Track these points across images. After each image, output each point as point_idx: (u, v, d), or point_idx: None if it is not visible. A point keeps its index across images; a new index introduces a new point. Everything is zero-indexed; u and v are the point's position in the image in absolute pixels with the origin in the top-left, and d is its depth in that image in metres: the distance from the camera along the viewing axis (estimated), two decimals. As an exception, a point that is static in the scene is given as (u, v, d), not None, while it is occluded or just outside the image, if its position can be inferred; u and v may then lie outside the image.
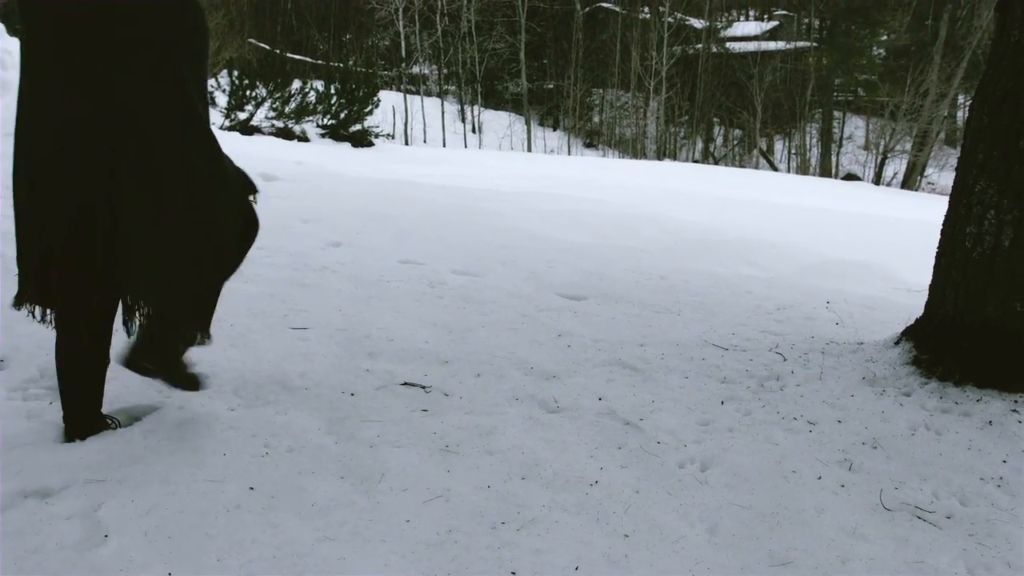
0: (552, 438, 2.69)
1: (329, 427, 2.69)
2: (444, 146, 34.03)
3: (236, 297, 3.99)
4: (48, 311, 2.41)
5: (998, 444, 2.75)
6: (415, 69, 41.66)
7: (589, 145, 40.56)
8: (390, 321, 3.88)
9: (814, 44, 41.62)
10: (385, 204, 7.53)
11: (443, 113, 37.97)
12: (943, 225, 3.38)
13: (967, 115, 3.42)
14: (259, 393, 2.93)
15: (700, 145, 40.71)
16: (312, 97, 17.91)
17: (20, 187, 2.32)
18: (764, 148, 40.40)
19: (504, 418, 2.83)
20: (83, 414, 2.49)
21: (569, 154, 35.57)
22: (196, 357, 3.13)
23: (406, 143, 32.49)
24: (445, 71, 42.68)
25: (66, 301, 2.36)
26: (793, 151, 40.08)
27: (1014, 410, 2.93)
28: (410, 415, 2.84)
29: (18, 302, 2.39)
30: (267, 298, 4.07)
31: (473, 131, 39.53)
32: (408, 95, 37.71)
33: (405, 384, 3.11)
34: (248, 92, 17.14)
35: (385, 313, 4.02)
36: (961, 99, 33.26)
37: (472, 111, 40.61)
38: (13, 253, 2.38)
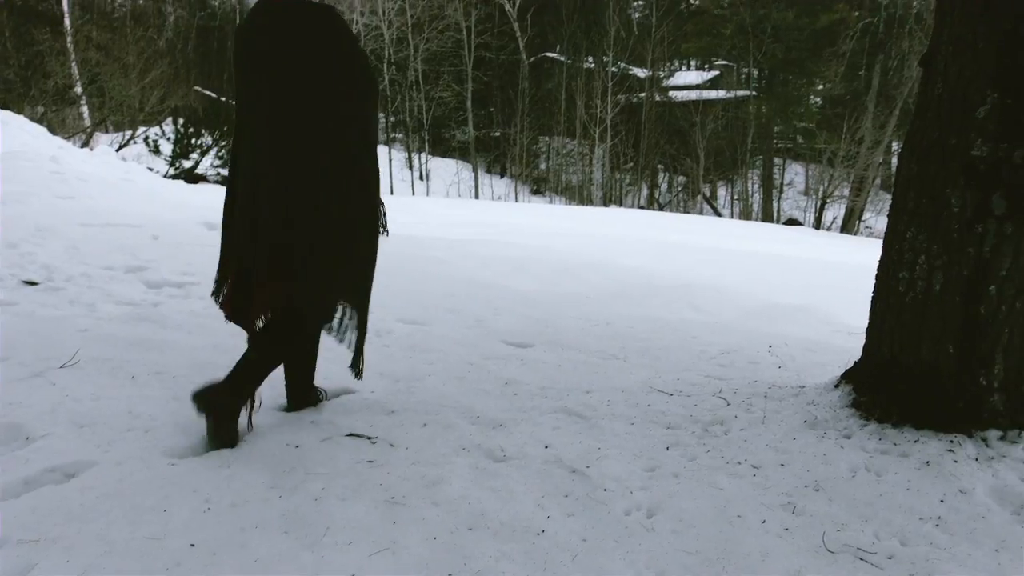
0: (499, 488, 2.69)
1: (273, 481, 2.65)
2: (392, 193, 34.04)
3: (179, 349, 3.94)
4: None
5: (935, 484, 2.80)
6: (362, 117, 41.74)
7: (536, 192, 40.94)
8: (336, 371, 3.85)
9: (753, 93, 42.69)
10: (332, 252, 7.50)
11: (390, 161, 38.07)
12: (877, 270, 3.47)
13: (897, 164, 3.54)
14: (201, 447, 2.88)
15: (645, 191, 41.32)
16: (259, 145, 17.85)
17: (227, 216, 3.07)
18: (708, 194, 41.17)
19: (451, 468, 2.81)
20: (298, 389, 3.36)
21: (516, 201, 35.84)
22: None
23: (353, 191, 32.43)
24: (392, 119, 42.87)
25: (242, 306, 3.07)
26: (736, 197, 40.88)
27: (950, 450, 3.00)
28: (356, 467, 2.81)
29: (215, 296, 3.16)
30: (211, 350, 4.01)
31: (421, 178, 39.69)
32: (355, 143, 37.69)
33: (351, 435, 3.09)
34: (193, 140, 17.05)
35: (331, 363, 3.98)
36: (895, 146, 34.35)
37: (419, 159, 40.79)
38: None
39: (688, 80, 45.92)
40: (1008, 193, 3.01)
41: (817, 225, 34.75)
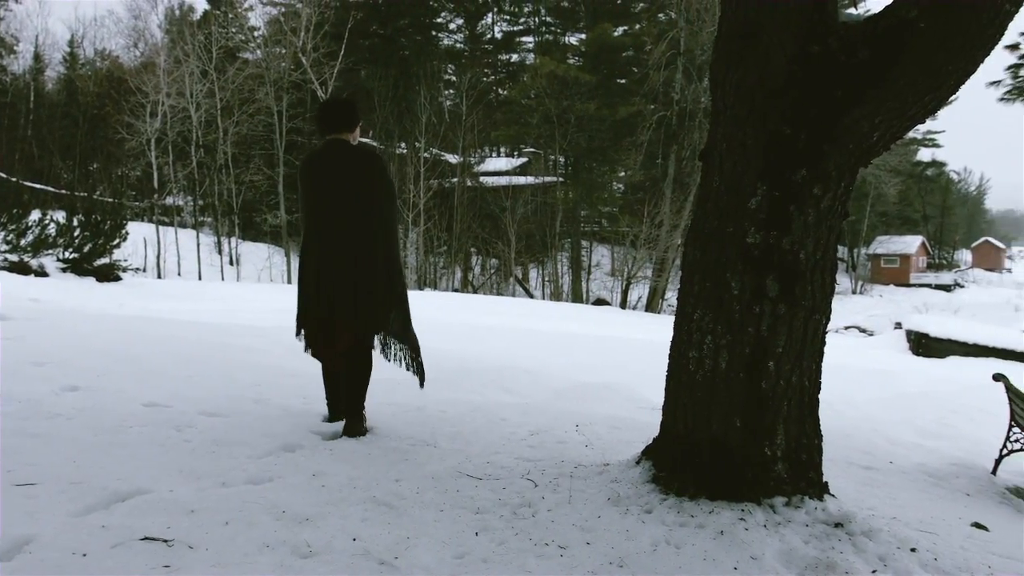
0: (304, 586, 2.60)
1: (55, 595, 2.45)
2: (200, 279, 32.90)
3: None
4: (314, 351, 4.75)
5: (729, 552, 2.95)
6: (168, 200, 40.38)
7: (351, 276, 40.59)
8: (131, 471, 3.63)
9: (560, 179, 44.48)
10: (131, 343, 7.13)
11: (199, 245, 36.86)
12: (670, 350, 3.67)
13: (683, 251, 3.78)
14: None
15: (459, 274, 41.86)
16: (52, 229, 16.80)
17: (305, 283, 4.66)
18: (520, 276, 42.20)
19: (253, 568, 2.70)
20: (337, 406, 4.77)
21: (331, 285, 35.41)
22: None
23: (159, 276, 31.17)
24: (201, 202, 41.64)
25: (327, 343, 4.65)
26: (547, 278, 42.14)
27: (741, 519, 3.17)
28: (149, 573, 2.64)
29: (298, 333, 4.78)
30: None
31: (231, 263, 38.60)
32: (161, 227, 36.39)
33: (145, 539, 2.90)
34: (-23, 223, 15.83)
35: (125, 462, 3.76)
36: (691, 229, 36.55)
37: (230, 243, 39.70)
38: None
39: (498, 166, 47.42)
40: (779, 276, 3.29)
41: (623, 304, 36.31)
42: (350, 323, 4.54)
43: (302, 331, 4.74)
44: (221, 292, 17.64)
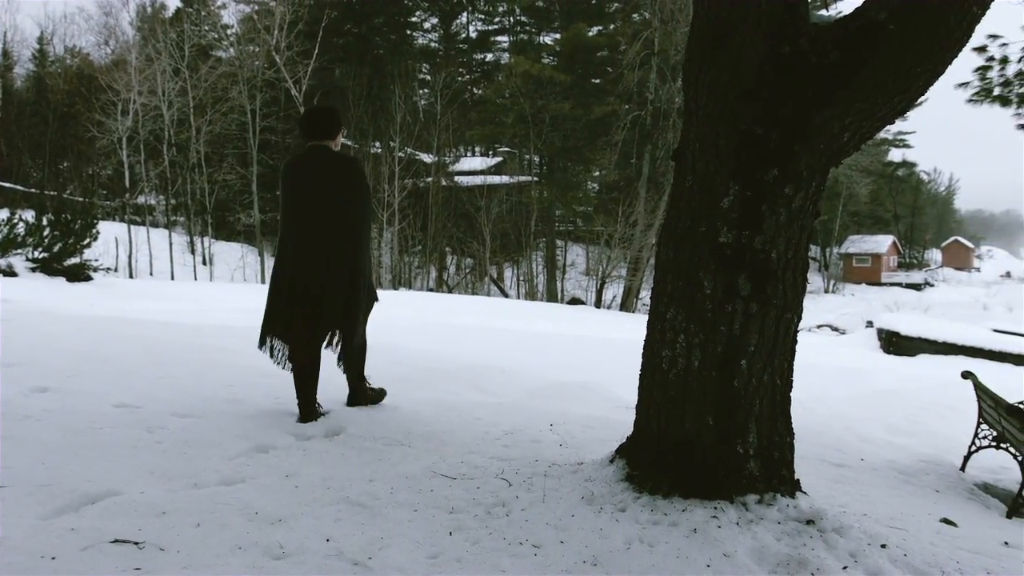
0: (276, 587, 2.58)
1: (23, 599, 2.42)
2: (172, 279, 32.63)
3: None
4: (282, 351, 4.88)
5: (703, 550, 2.97)
6: (141, 199, 39.98)
7: (325, 275, 40.37)
8: (101, 473, 3.59)
9: (535, 178, 44.48)
10: (102, 344, 7.06)
11: (171, 244, 36.51)
12: (643, 349, 3.68)
13: (656, 250, 3.79)
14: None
15: (434, 274, 41.78)
16: (21, 228, 16.58)
17: (278, 282, 4.84)
18: (495, 275, 42.18)
19: (225, 569, 2.68)
20: (308, 408, 4.81)
21: (305, 285, 35.16)
22: None
23: (131, 276, 30.84)
24: (173, 202, 41.26)
25: (299, 341, 4.81)
26: (521, 278, 42.15)
27: (714, 516, 3.19)
28: (120, 576, 2.62)
29: (261, 343, 4.90)
30: None
31: (204, 263, 38.29)
32: (133, 226, 36.02)
33: (115, 541, 2.87)
34: None
35: (95, 464, 3.72)
36: (666, 229, 36.80)
37: (202, 242, 39.39)
38: None
39: (473, 165, 47.37)
40: (751, 275, 3.31)
41: (598, 303, 36.40)
42: (321, 321, 4.82)
43: (268, 338, 4.90)
44: (194, 292, 17.49)
